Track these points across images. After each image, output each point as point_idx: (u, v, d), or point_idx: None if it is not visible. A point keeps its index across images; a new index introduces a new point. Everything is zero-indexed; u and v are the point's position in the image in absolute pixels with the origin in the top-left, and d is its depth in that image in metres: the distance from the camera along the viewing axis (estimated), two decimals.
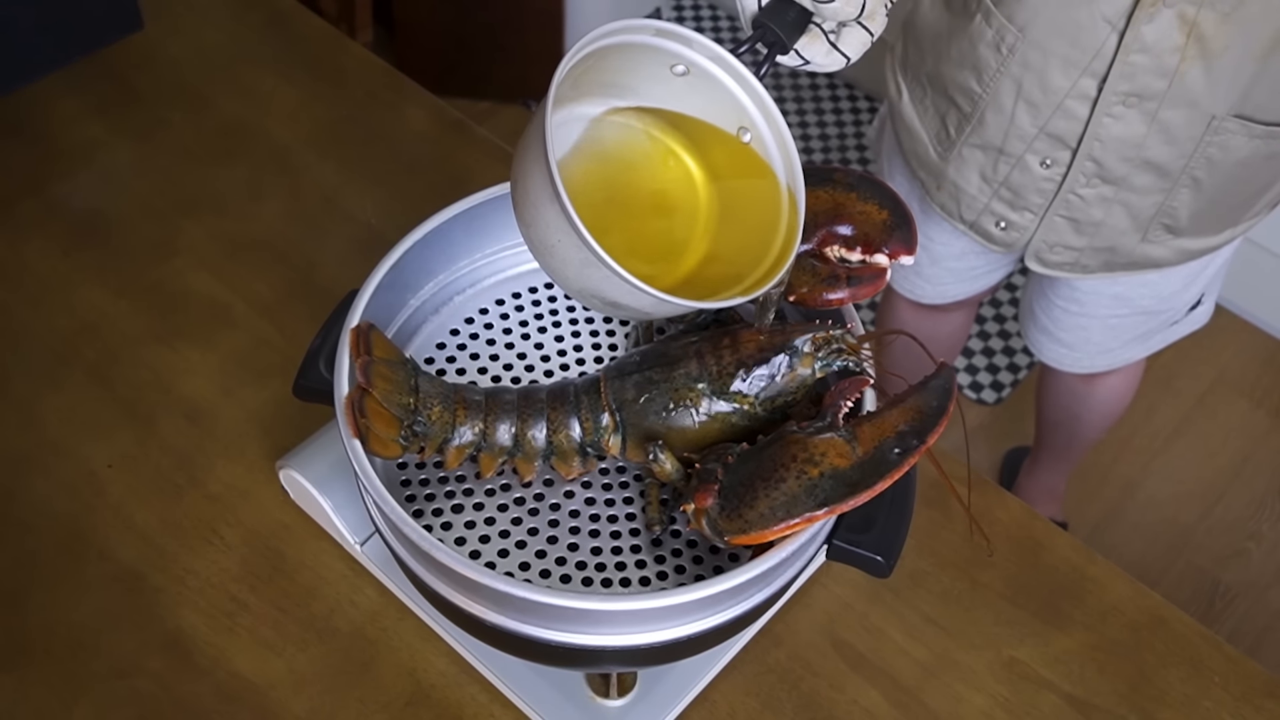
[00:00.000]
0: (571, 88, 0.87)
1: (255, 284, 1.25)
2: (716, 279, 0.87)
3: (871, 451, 0.83)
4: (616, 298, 0.80)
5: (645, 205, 0.90)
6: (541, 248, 0.81)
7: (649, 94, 0.89)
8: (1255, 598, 1.90)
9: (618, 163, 0.90)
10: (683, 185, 0.91)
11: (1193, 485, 2.02)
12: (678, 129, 0.91)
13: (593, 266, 0.77)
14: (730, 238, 0.90)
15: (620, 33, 0.83)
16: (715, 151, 0.91)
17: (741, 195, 0.91)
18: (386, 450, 0.87)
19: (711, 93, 0.88)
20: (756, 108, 0.88)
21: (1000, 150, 1.27)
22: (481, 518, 0.91)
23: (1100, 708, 1.02)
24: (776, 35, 0.91)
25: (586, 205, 0.80)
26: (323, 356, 0.93)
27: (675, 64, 0.87)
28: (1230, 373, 2.12)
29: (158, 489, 1.11)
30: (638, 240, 0.89)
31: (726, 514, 0.82)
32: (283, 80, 1.45)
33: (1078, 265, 1.36)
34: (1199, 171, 1.23)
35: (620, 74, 0.87)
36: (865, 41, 0.94)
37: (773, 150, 0.89)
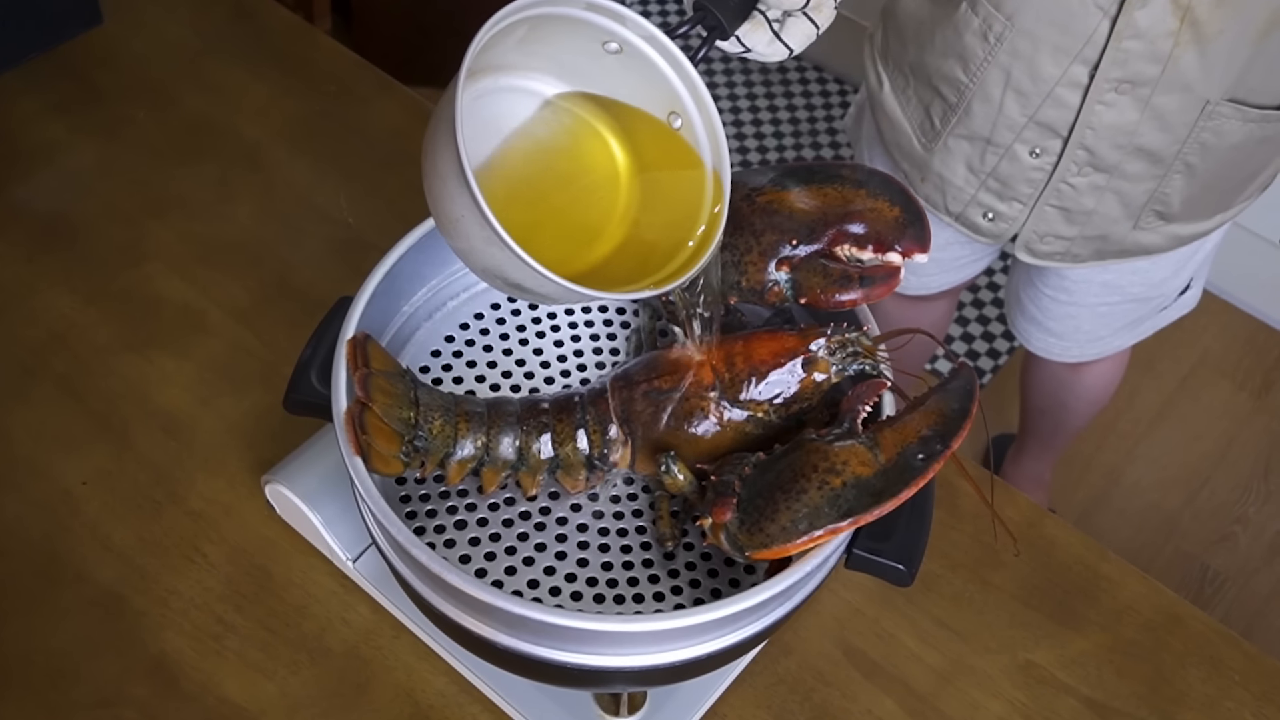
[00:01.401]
0: (517, 56, 0.84)
1: (230, 288, 1.20)
2: (630, 268, 0.85)
3: (894, 458, 0.80)
4: (519, 280, 0.77)
5: (564, 187, 0.87)
6: (445, 222, 0.78)
7: (580, 70, 0.86)
8: (1244, 583, 1.90)
9: (542, 142, 0.87)
10: (605, 169, 0.88)
11: (1177, 470, 2.01)
12: (607, 111, 0.88)
13: (494, 246, 0.74)
14: (649, 226, 0.87)
15: (548, 3, 0.79)
16: (643, 137, 0.88)
17: (665, 183, 0.88)
18: (388, 468, 0.83)
19: (644, 73, 0.85)
20: (689, 93, 0.85)
21: (988, 140, 1.25)
22: (486, 534, 0.87)
23: (1121, 711, 1.00)
24: (717, 19, 0.88)
25: (502, 183, 0.78)
26: (314, 368, 0.89)
27: (608, 41, 0.83)
28: (1212, 354, 2.12)
29: (136, 506, 1.06)
30: (552, 222, 0.86)
31: (747, 528, 0.79)
32: (250, 75, 1.40)
33: (1068, 255, 1.34)
34: (1192, 157, 1.21)
35: (555, 48, 0.84)
36: (810, 34, 0.91)
37: (702, 139, 0.86)
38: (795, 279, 0.87)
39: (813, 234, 0.87)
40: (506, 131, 0.86)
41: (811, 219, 0.87)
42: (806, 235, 0.87)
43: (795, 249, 0.87)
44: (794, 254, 0.87)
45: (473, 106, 0.85)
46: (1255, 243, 2.03)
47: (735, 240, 0.87)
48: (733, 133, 2.42)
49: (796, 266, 0.87)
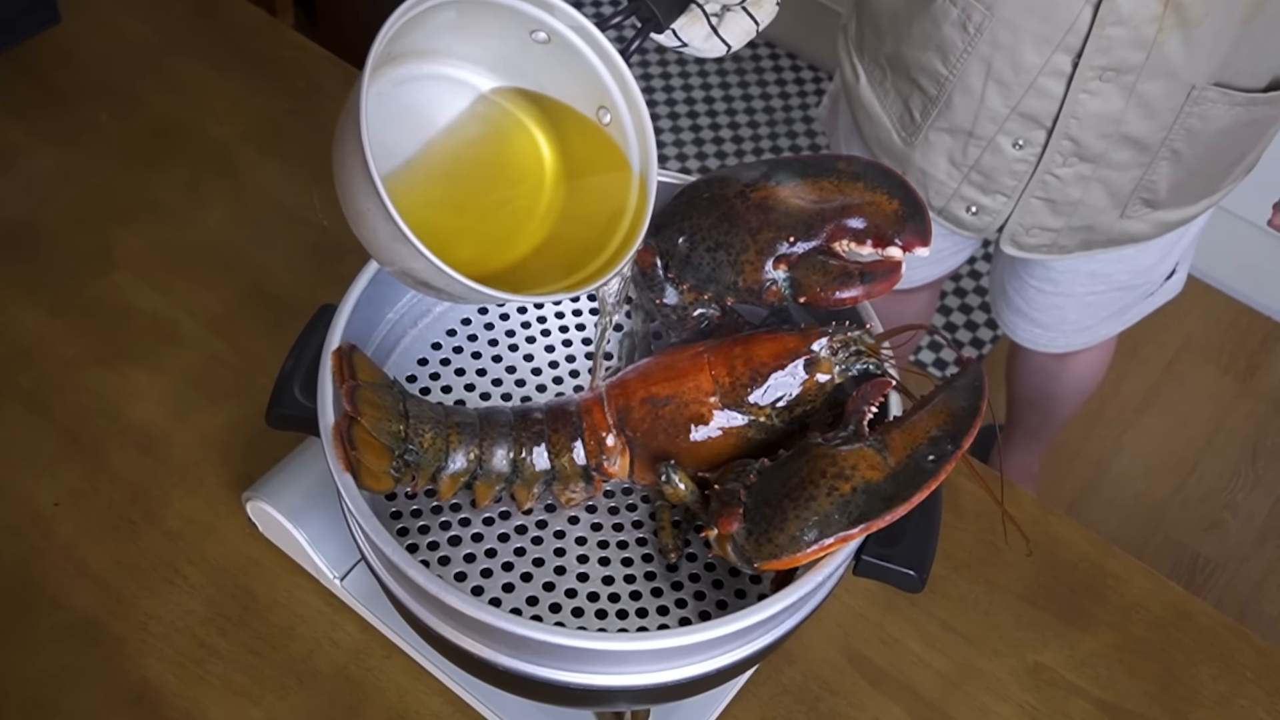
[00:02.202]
0: (451, 42, 0.81)
1: (202, 296, 1.16)
2: (549, 268, 0.82)
3: (905, 461, 0.77)
4: (426, 278, 0.75)
5: (488, 184, 0.85)
6: (352, 214, 0.75)
7: (510, 60, 0.83)
8: (1235, 569, 1.88)
9: (469, 138, 0.85)
10: (531, 166, 0.86)
11: (1165, 457, 2.00)
12: (537, 105, 0.85)
13: (399, 242, 0.71)
14: (572, 226, 0.85)
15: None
16: (571, 134, 0.86)
17: (591, 182, 0.86)
18: (379, 484, 0.79)
19: (573, 66, 0.82)
20: (618, 88, 0.82)
21: (970, 133, 1.22)
22: (481, 550, 0.84)
23: (1133, 712, 0.97)
24: (651, 11, 0.86)
25: (423, 178, 0.76)
26: (297, 381, 0.85)
27: (536, 30, 0.81)
28: (1196, 339, 2.10)
29: (111, 527, 1.02)
30: (473, 220, 0.83)
31: (755, 539, 0.76)
32: (216, 73, 1.36)
33: (1055, 246, 1.32)
34: (1179, 143, 1.19)
35: (488, 36, 0.81)
36: (749, 31, 0.89)
37: (630, 135, 0.83)
38: (794, 277, 0.84)
39: (810, 230, 0.84)
40: (434, 123, 0.84)
41: (809, 215, 0.84)
42: (804, 231, 0.84)
43: (793, 246, 0.84)
44: (792, 251, 0.84)
45: (395, 93, 0.82)
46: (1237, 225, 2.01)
47: (730, 239, 0.84)
48: (706, 122, 2.39)
49: (795, 264, 0.84)
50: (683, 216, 0.87)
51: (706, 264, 0.85)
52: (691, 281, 0.87)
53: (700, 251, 0.85)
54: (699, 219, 0.86)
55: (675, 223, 0.87)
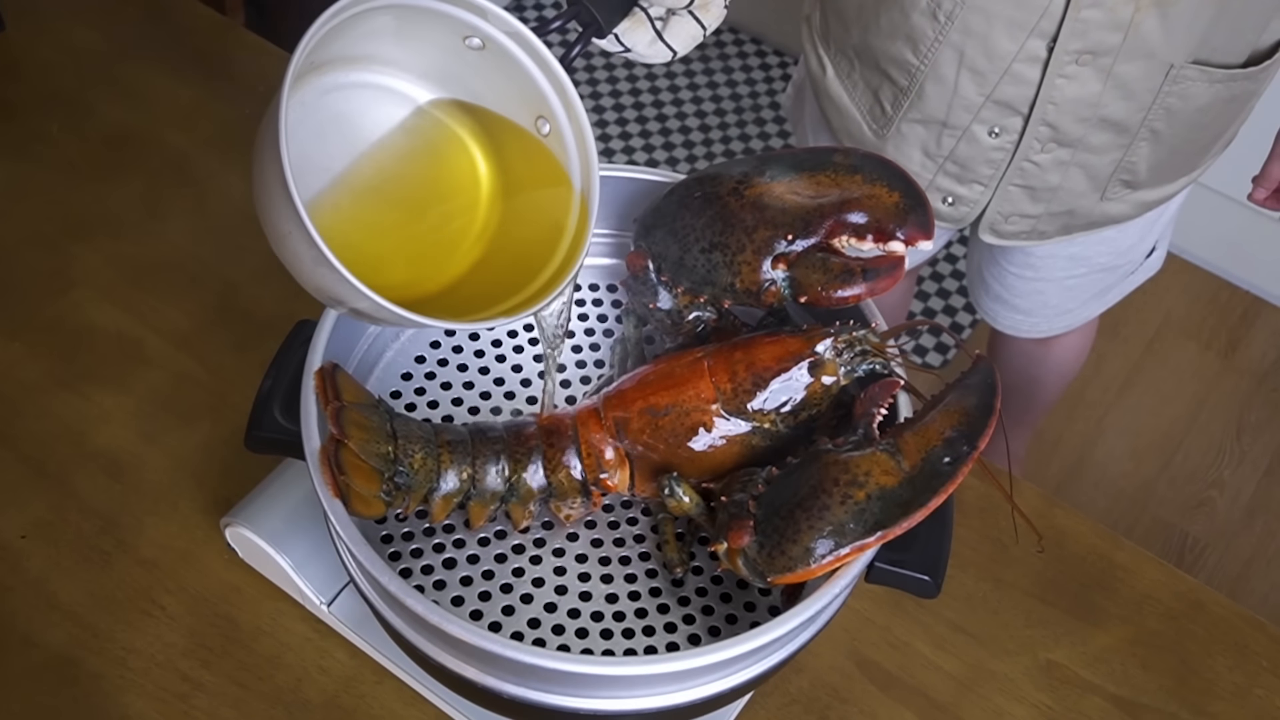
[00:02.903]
0: (389, 49, 0.78)
1: (167, 313, 1.12)
2: (487, 289, 0.79)
3: (919, 464, 0.74)
4: (354, 304, 0.71)
5: (421, 202, 0.81)
6: (273, 236, 0.71)
7: (444, 69, 0.80)
8: (1224, 548, 1.87)
9: (401, 152, 0.81)
10: (464, 180, 0.82)
11: (1150, 436, 1.98)
12: (474, 117, 0.82)
13: (324, 266, 0.67)
14: (510, 245, 0.81)
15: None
16: (508, 145, 0.82)
17: (529, 198, 0.82)
18: (370, 509, 0.75)
19: (509, 73, 0.78)
20: (557, 96, 0.79)
21: (943, 123, 1.19)
22: (477, 572, 0.80)
23: (1150, 707, 0.95)
24: (593, 15, 0.82)
25: (350, 196, 0.73)
26: (277, 402, 0.81)
27: (470, 36, 0.77)
28: (1176, 316, 2.09)
29: (82, 559, 0.97)
30: (404, 241, 0.80)
31: (767, 552, 0.73)
32: (172, 79, 1.31)
33: (1035, 233, 1.29)
34: (1158, 123, 1.17)
35: (423, 43, 0.78)
36: (695, 35, 0.85)
37: (571, 147, 0.80)
38: (793, 277, 0.81)
39: (809, 227, 0.81)
40: (362, 136, 0.80)
41: (806, 211, 0.81)
42: (802, 229, 0.81)
43: (791, 244, 0.81)
44: (790, 250, 0.81)
45: (320, 103, 0.78)
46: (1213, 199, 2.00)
47: (726, 239, 0.81)
48: (673, 111, 2.35)
49: (794, 263, 0.81)
50: (674, 217, 0.83)
51: (701, 265, 0.82)
52: (686, 284, 0.83)
53: (694, 253, 0.82)
54: (692, 219, 0.82)
55: (667, 223, 0.83)
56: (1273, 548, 1.89)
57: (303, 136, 0.76)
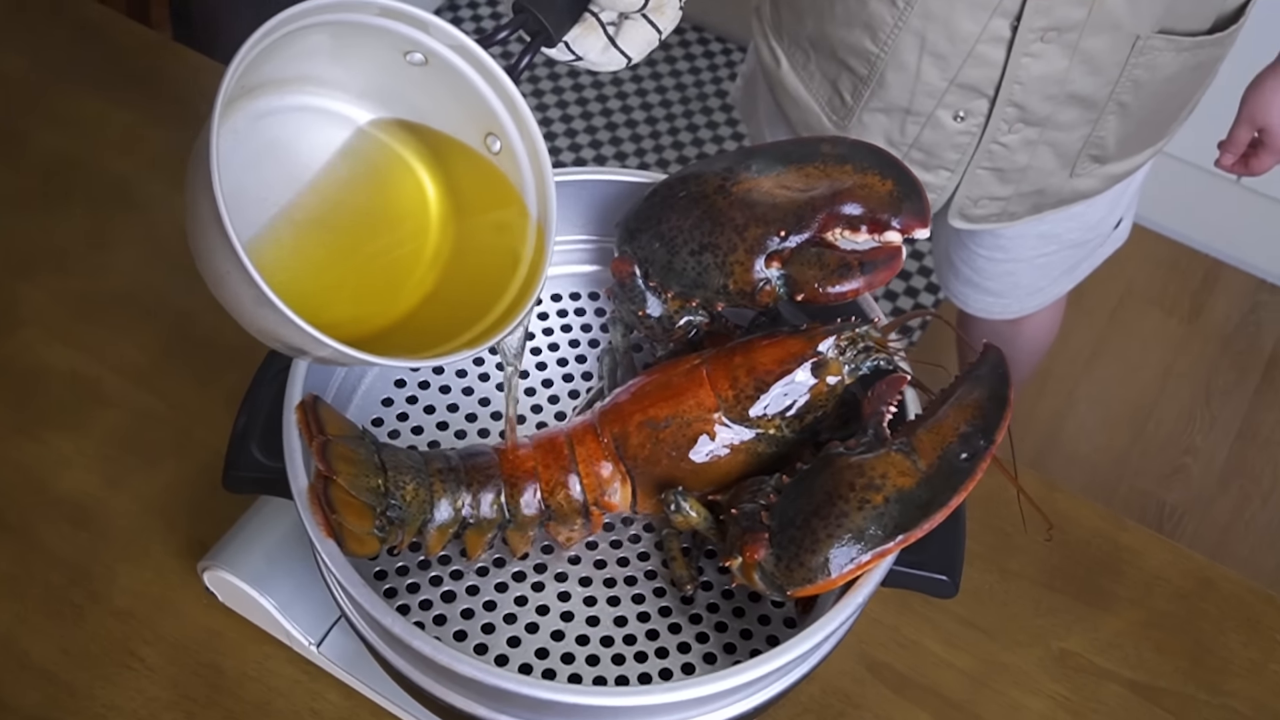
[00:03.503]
0: (326, 69, 0.73)
1: (123, 348, 1.07)
2: (443, 321, 0.75)
3: (936, 463, 0.71)
4: (299, 344, 0.67)
5: (367, 232, 0.77)
6: (211, 277, 0.67)
7: (386, 88, 0.75)
8: (1202, 514, 1.87)
9: (343, 179, 0.77)
10: (412, 205, 0.78)
11: (1120, 407, 1.97)
12: (420, 138, 0.78)
13: (265, 306, 0.63)
14: (463, 271, 0.77)
15: (333, 9, 0.68)
16: (457, 166, 0.78)
17: (482, 220, 0.78)
18: (364, 548, 0.72)
19: (454, 89, 0.74)
20: (507, 111, 0.75)
21: (907, 110, 1.16)
22: (478, 604, 0.76)
23: (1167, 690, 0.93)
24: (541, 23, 0.78)
25: (290, 229, 0.70)
26: (254, 438, 0.77)
27: (411, 51, 0.73)
28: (1138, 284, 2.08)
29: (52, 613, 0.92)
30: (351, 275, 0.76)
31: (785, 565, 0.70)
32: (109, 102, 1.25)
33: (1004, 214, 1.28)
34: (1125, 96, 1.15)
35: (363, 61, 0.73)
36: (651, 40, 0.82)
37: (524, 164, 0.76)
38: (789, 274, 0.77)
39: (801, 222, 0.78)
40: (301, 163, 0.75)
41: (798, 205, 0.78)
42: (795, 224, 0.78)
43: (784, 241, 0.77)
44: (784, 246, 0.77)
45: (254, 130, 0.73)
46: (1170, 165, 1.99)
47: (716, 239, 0.78)
48: (618, 105, 2.31)
49: (788, 260, 0.78)
50: (659, 219, 0.80)
51: (692, 268, 0.79)
52: (676, 289, 0.80)
53: (683, 255, 0.79)
54: (678, 220, 0.79)
55: (652, 226, 0.80)
56: (1249, 512, 1.89)
57: (237, 167, 0.71)
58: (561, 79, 2.33)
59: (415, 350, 0.73)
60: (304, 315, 0.63)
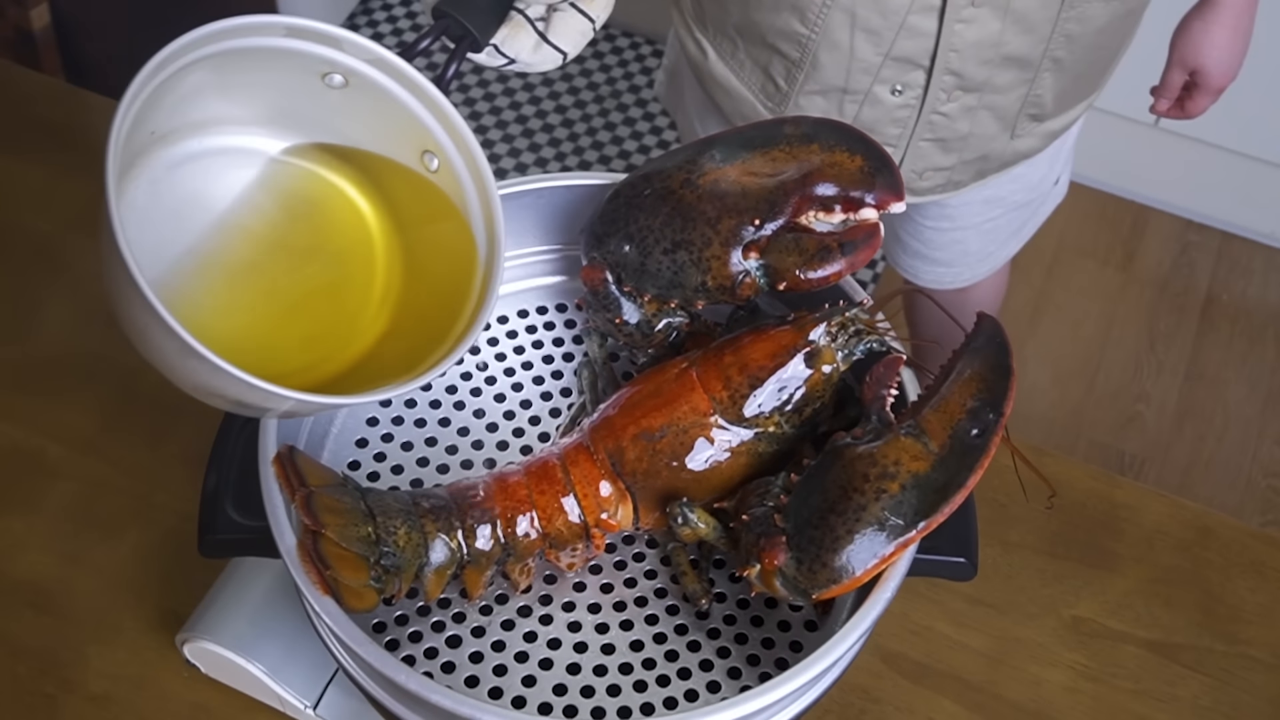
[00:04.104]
0: (222, 106, 0.69)
1: (64, 415, 1.01)
2: (401, 358, 0.71)
3: (947, 443, 0.69)
4: (252, 400, 0.63)
5: (305, 269, 0.73)
6: (133, 333, 0.63)
7: (304, 114, 0.71)
8: (1161, 459, 1.87)
9: (270, 215, 0.73)
10: (354, 237, 0.74)
11: (1069, 362, 1.97)
12: (349, 163, 0.74)
13: (194, 358, 0.59)
14: (416, 303, 0.74)
15: (233, 35, 0.64)
16: (396, 189, 0.74)
17: (429, 244, 0.75)
18: (363, 602, 0.67)
19: (382, 108, 0.71)
20: (441, 126, 0.71)
21: (843, 90, 1.14)
22: (486, 645, 0.72)
23: (1184, 645, 0.92)
24: (464, 28, 0.75)
25: (222, 275, 0.67)
26: (229, 498, 0.72)
27: (329, 73, 0.69)
28: (1070, 237, 2.08)
29: (25, 708, 0.87)
30: (297, 318, 0.72)
31: (807, 567, 0.67)
32: (18, 158, 1.19)
33: (950, 184, 1.26)
34: (1059, 51, 1.14)
35: (269, 90, 0.70)
36: (585, 31, 0.79)
37: (465, 179, 0.72)
38: (767, 264, 0.75)
39: (774, 208, 0.75)
40: (221, 206, 0.71)
41: (768, 191, 0.75)
42: (768, 211, 0.75)
43: (760, 229, 0.75)
44: (760, 235, 0.75)
45: (170, 178, 0.69)
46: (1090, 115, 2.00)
47: (689, 235, 0.75)
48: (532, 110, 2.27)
49: (765, 249, 0.75)
50: (627, 221, 0.76)
51: (666, 268, 0.75)
52: (653, 291, 0.76)
53: (656, 255, 0.75)
54: (647, 219, 0.76)
55: (619, 229, 0.76)
56: (1207, 452, 1.90)
57: (158, 220, 0.67)
58: (491, 84, 2.29)
59: (380, 381, 0.69)
60: (251, 368, 0.59)
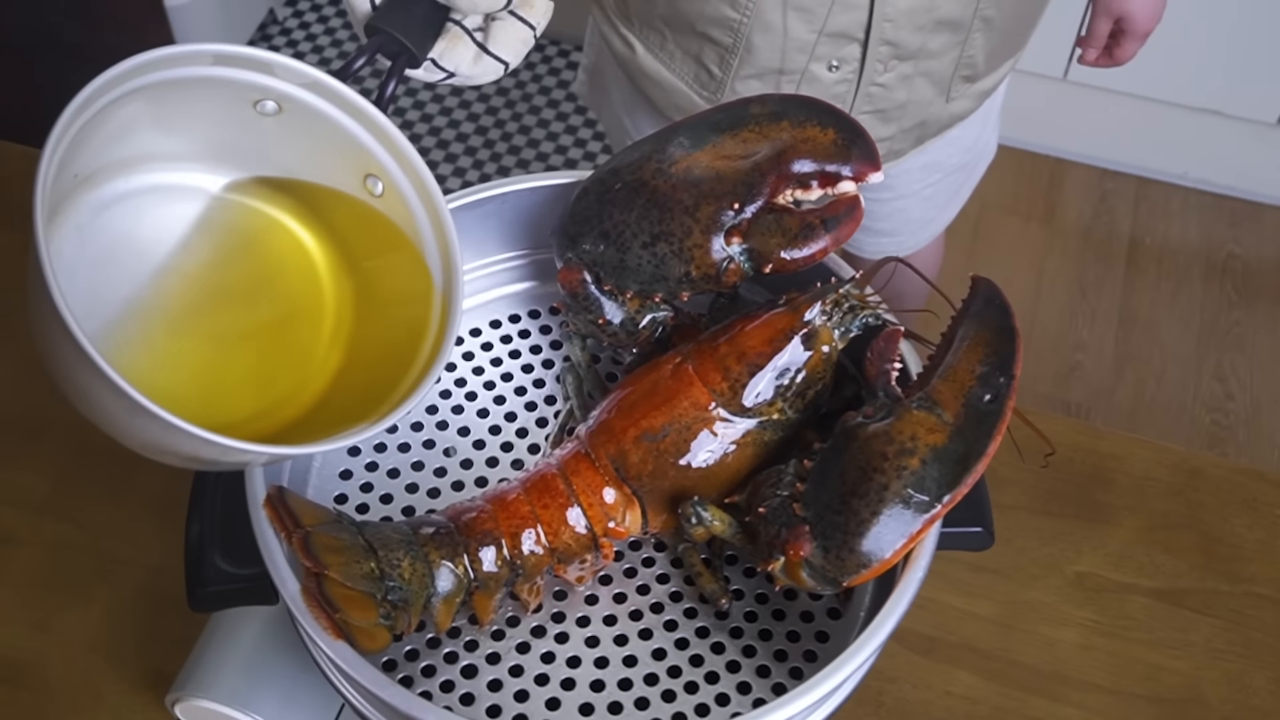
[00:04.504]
0: (156, 141, 0.66)
1: (15, 477, 0.97)
2: (362, 393, 0.68)
3: (961, 411, 0.67)
4: (195, 452, 0.60)
5: (251, 310, 0.70)
6: (72, 391, 0.59)
7: (238, 145, 0.68)
8: (1106, 405, 1.89)
9: (208, 257, 0.69)
10: (299, 272, 0.71)
11: None
12: (286, 193, 0.71)
13: (142, 417, 0.56)
14: (371, 337, 0.71)
15: (156, 67, 0.60)
16: (341, 220, 0.71)
17: (380, 274, 0.72)
18: (375, 642, 0.64)
19: (319, 133, 0.68)
20: (383, 146, 0.68)
21: (779, 71, 1.13)
22: (504, 671, 0.69)
23: (1189, 589, 0.91)
24: (400, 44, 0.72)
25: (162, 324, 0.64)
26: (214, 547, 0.68)
27: (260, 99, 0.66)
28: (990, 195, 2.09)
29: None
30: (246, 362, 0.69)
31: (835, 555, 0.64)
32: None
33: (890, 153, 1.26)
34: (989, 10, 1.14)
35: (201, 121, 0.66)
36: (526, 39, 0.77)
37: (413, 200, 0.70)
38: (751, 248, 0.72)
39: (752, 190, 0.73)
40: (155, 249, 0.68)
41: (743, 173, 0.73)
42: (746, 193, 0.73)
43: (740, 213, 0.72)
44: (740, 219, 0.72)
45: (99, 223, 0.65)
46: None
47: (668, 226, 0.72)
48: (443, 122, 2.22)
49: (748, 233, 0.73)
50: (600, 218, 0.74)
51: (647, 262, 0.73)
52: (635, 287, 0.74)
53: (636, 250, 0.73)
54: (621, 214, 0.73)
55: (593, 227, 0.74)
56: (1149, 393, 1.92)
57: (87, 267, 0.63)
58: (419, 93, 2.24)
59: (344, 425, 0.65)
60: (202, 420, 0.56)
